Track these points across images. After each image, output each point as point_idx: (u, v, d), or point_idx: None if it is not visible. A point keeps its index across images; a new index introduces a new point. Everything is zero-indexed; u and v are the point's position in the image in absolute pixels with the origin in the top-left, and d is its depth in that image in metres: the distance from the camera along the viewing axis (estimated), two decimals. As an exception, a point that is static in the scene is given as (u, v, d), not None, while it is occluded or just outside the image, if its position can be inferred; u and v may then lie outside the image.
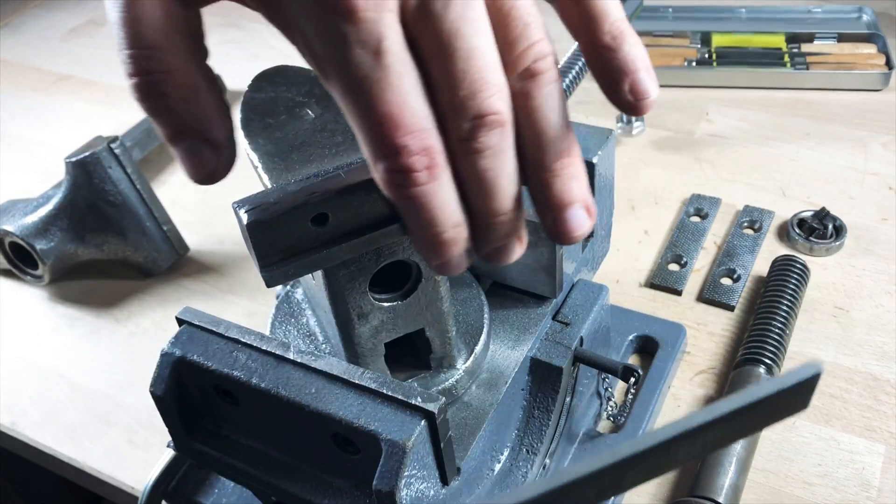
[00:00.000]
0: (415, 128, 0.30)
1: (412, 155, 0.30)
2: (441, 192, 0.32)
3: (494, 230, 0.34)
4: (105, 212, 0.76)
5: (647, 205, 0.82)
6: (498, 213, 0.33)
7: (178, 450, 0.47)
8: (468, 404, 0.47)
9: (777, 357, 0.62)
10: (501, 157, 0.32)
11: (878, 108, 0.91)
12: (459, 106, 0.30)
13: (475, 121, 0.31)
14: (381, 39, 0.29)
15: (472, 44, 0.30)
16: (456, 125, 0.31)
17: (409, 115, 0.30)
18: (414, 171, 0.30)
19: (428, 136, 0.31)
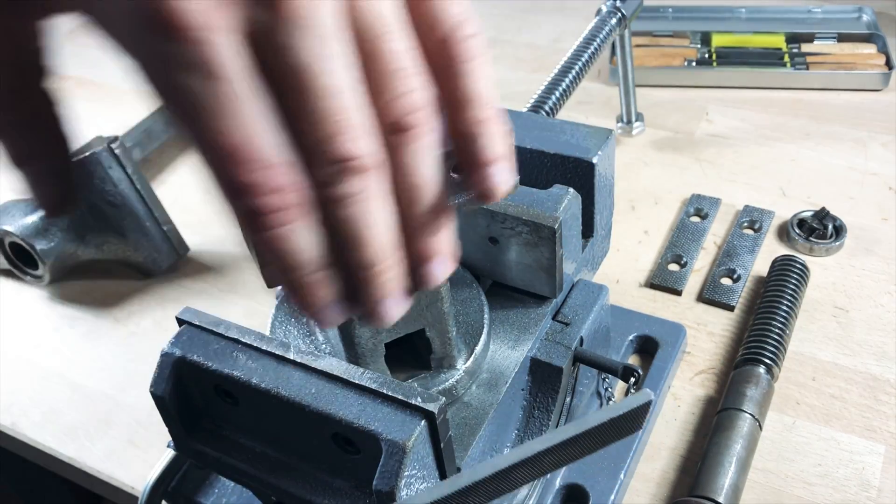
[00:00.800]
0: (264, 163, 0.26)
1: (262, 194, 0.26)
2: (303, 235, 0.28)
3: (366, 285, 0.30)
4: (105, 212, 0.76)
5: (647, 205, 0.82)
6: (368, 265, 0.30)
7: (178, 450, 0.47)
8: (468, 404, 0.47)
9: (777, 357, 0.62)
10: (368, 205, 0.29)
11: (878, 108, 0.91)
12: (316, 148, 0.27)
13: (335, 166, 0.27)
14: (213, 62, 0.25)
15: (331, 81, 0.27)
16: (318, 169, 0.28)
17: (256, 147, 0.26)
18: (266, 214, 0.27)
19: (282, 171, 0.27)
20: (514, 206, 0.48)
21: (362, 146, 0.28)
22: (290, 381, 0.40)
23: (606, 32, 0.76)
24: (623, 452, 0.58)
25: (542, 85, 0.70)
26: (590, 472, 0.57)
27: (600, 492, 0.56)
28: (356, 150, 0.27)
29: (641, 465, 0.60)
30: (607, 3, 0.79)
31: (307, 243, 0.28)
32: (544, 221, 0.47)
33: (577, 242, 0.52)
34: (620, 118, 0.91)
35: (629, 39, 0.82)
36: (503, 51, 1.09)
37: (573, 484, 0.57)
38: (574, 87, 0.72)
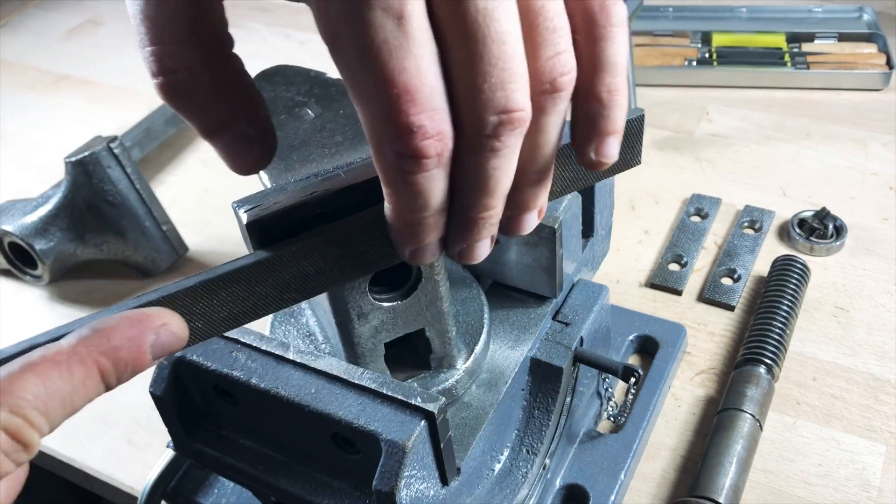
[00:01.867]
0: (432, 106, 0.28)
1: (426, 137, 0.28)
2: (440, 180, 0.30)
3: (477, 226, 0.32)
4: (104, 212, 0.76)
5: (648, 205, 0.82)
6: (488, 208, 0.31)
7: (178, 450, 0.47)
8: (468, 404, 0.47)
9: (777, 357, 0.62)
10: (512, 157, 0.30)
11: (878, 108, 0.91)
12: (485, 96, 0.28)
13: (501, 116, 0.28)
14: (405, 3, 0.26)
15: (504, 28, 0.27)
16: (477, 118, 0.28)
17: (428, 90, 0.27)
18: (425, 157, 0.28)
19: (444, 118, 0.28)
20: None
21: (524, 99, 0.28)
22: (290, 380, 0.40)
23: (606, 32, 0.76)
24: (623, 452, 0.58)
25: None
26: (590, 472, 0.57)
27: (600, 492, 0.56)
28: (521, 101, 0.28)
29: (641, 465, 0.60)
30: (607, 3, 0.79)
31: (441, 188, 0.30)
32: (544, 221, 0.47)
33: (578, 242, 0.52)
34: (620, 118, 0.90)
35: (629, 39, 0.82)
36: (503, 50, 1.09)
37: (573, 484, 0.57)
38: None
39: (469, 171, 0.30)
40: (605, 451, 0.58)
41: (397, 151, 0.28)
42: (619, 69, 0.31)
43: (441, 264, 0.42)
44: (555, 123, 0.31)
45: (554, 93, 0.30)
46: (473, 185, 0.30)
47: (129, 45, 1.22)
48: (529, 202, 0.33)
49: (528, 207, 0.34)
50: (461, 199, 0.31)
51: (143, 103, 1.03)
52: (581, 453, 0.58)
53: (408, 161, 0.28)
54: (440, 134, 0.28)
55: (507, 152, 0.30)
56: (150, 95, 1.06)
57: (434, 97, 0.28)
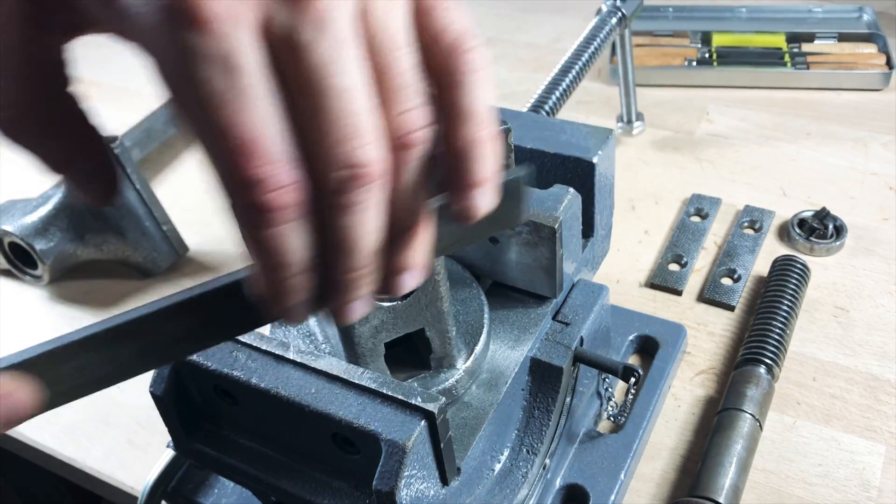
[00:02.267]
0: (273, 158, 0.26)
1: (269, 190, 0.26)
2: (297, 236, 0.28)
3: (342, 287, 0.31)
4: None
5: (648, 205, 0.82)
6: (352, 269, 0.30)
7: (178, 450, 0.47)
8: (468, 404, 0.47)
9: (777, 357, 0.62)
10: (369, 214, 0.29)
11: (878, 108, 0.91)
12: (329, 151, 0.27)
13: (346, 171, 0.27)
14: (233, 55, 0.26)
15: (344, 83, 0.27)
16: (324, 173, 0.27)
17: (267, 142, 0.26)
18: (269, 210, 0.27)
19: (288, 170, 0.27)
20: (514, 205, 0.48)
21: (374, 153, 0.28)
22: (290, 380, 0.40)
23: (606, 32, 0.76)
24: (623, 452, 0.58)
25: (542, 85, 0.70)
26: (590, 472, 0.57)
27: (600, 492, 0.56)
28: (368, 156, 0.27)
29: (641, 465, 0.60)
30: (607, 3, 0.79)
31: (299, 244, 0.29)
32: (544, 221, 0.47)
33: (577, 242, 0.52)
34: (620, 118, 0.90)
35: (629, 39, 0.82)
36: (503, 51, 1.09)
37: (573, 484, 0.57)
38: (574, 86, 0.72)
39: (327, 228, 0.29)
40: (605, 451, 0.58)
41: (242, 206, 0.27)
42: (478, 118, 0.30)
43: (441, 264, 0.42)
44: (412, 176, 0.30)
45: (405, 149, 0.29)
46: (333, 244, 0.29)
47: (130, 45, 1.22)
48: (402, 262, 0.32)
49: (401, 267, 0.32)
50: (326, 258, 0.30)
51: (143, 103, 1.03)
52: (581, 453, 0.58)
53: (254, 215, 0.27)
54: (285, 186, 0.27)
55: (361, 209, 0.28)
56: (151, 95, 1.06)
57: (275, 149, 0.27)
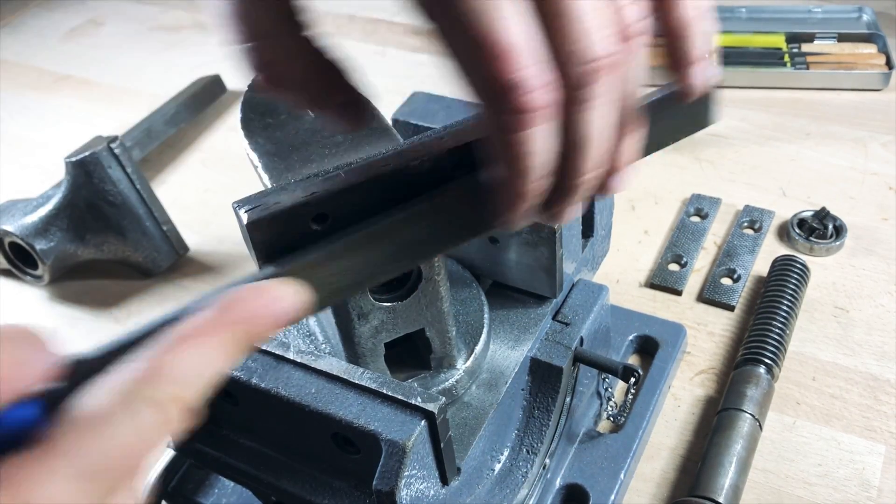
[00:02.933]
0: (532, 60, 0.28)
1: (534, 90, 0.28)
2: (548, 138, 0.30)
3: (578, 188, 0.32)
4: (105, 212, 0.76)
5: (647, 205, 0.82)
6: (589, 170, 0.32)
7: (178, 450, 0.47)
8: (468, 404, 0.47)
9: (777, 357, 0.62)
10: (608, 109, 0.30)
11: (878, 108, 0.91)
12: (572, 48, 0.29)
13: (593, 63, 0.29)
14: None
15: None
16: (569, 69, 0.29)
17: (526, 46, 0.28)
18: (532, 110, 0.28)
19: (543, 71, 0.28)
20: (514, 205, 0.48)
21: (611, 45, 0.29)
22: (290, 380, 0.40)
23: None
24: (623, 452, 0.58)
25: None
26: (590, 471, 0.57)
27: (600, 492, 0.56)
28: (606, 48, 0.29)
29: (641, 465, 0.60)
30: (607, 3, 0.79)
31: (548, 146, 0.30)
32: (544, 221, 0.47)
33: (577, 242, 0.52)
34: (620, 118, 0.90)
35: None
36: (503, 51, 1.09)
37: (573, 484, 0.57)
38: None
39: (571, 128, 0.30)
40: (605, 450, 0.58)
41: (505, 109, 0.28)
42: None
43: (441, 264, 0.42)
44: (638, 69, 0.31)
45: (629, 40, 0.30)
46: (575, 142, 0.31)
47: (130, 45, 1.22)
48: (623, 159, 0.33)
49: (619, 166, 0.34)
50: (566, 162, 0.31)
51: (143, 103, 1.03)
52: (581, 453, 0.58)
53: (516, 118, 0.28)
54: (543, 86, 0.28)
55: (602, 103, 0.30)
56: (151, 95, 1.07)
57: (532, 51, 0.28)
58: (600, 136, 0.31)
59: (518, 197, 0.31)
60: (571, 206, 0.34)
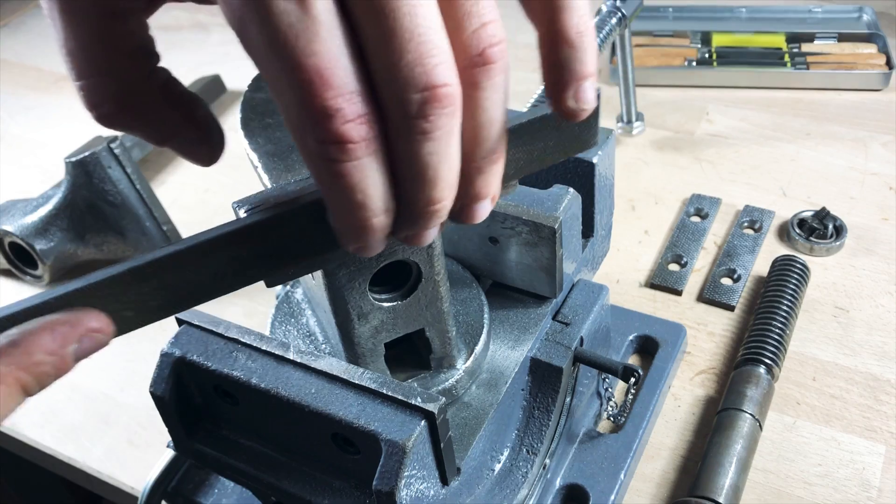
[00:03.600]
0: (348, 88, 0.26)
1: (346, 121, 0.26)
2: (374, 172, 0.28)
3: (425, 219, 0.30)
4: (105, 212, 0.76)
5: (647, 205, 0.82)
6: (435, 201, 0.30)
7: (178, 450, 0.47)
8: (468, 404, 0.47)
9: (777, 357, 0.62)
10: (448, 141, 0.28)
11: (878, 108, 0.91)
12: (404, 74, 0.26)
13: (425, 93, 0.26)
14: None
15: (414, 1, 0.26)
16: (399, 99, 0.27)
17: (342, 73, 0.26)
18: (348, 142, 0.27)
19: (363, 101, 0.27)
20: (514, 206, 0.48)
21: (447, 73, 0.27)
22: (290, 381, 0.40)
23: (606, 32, 0.76)
24: (623, 452, 0.58)
25: (542, 85, 0.70)
26: (590, 471, 0.57)
27: (600, 492, 0.56)
28: (443, 76, 0.27)
29: (641, 465, 0.60)
30: (607, 3, 0.79)
31: (377, 182, 0.28)
32: (544, 221, 0.47)
33: (577, 242, 0.52)
34: (620, 118, 0.90)
35: (629, 39, 0.82)
36: (503, 51, 1.09)
37: (573, 484, 0.57)
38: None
39: (404, 160, 0.28)
40: (605, 451, 0.58)
41: (318, 140, 0.27)
42: (582, 8, 0.30)
43: (441, 264, 0.42)
44: (494, 99, 0.29)
45: (485, 65, 0.28)
46: (412, 176, 0.29)
47: (130, 45, 1.22)
48: (480, 190, 0.31)
49: (479, 196, 0.32)
50: (404, 192, 0.29)
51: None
52: (581, 453, 0.58)
53: (332, 148, 0.27)
54: (361, 116, 0.27)
55: (441, 135, 0.28)
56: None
57: (349, 80, 0.26)
58: (442, 170, 0.29)
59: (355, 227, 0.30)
60: (422, 232, 0.31)
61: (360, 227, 0.30)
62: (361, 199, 0.28)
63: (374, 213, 0.29)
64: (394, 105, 0.27)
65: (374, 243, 0.31)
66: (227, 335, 0.42)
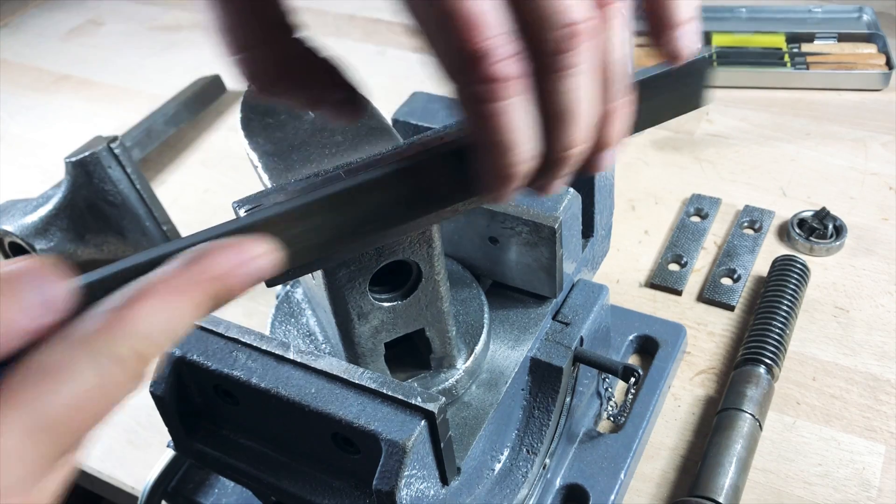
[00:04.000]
0: (499, 30, 0.28)
1: (500, 59, 0.28)
2: (526, 111, 0.29)
3: (564, 163, 0.32)
4: (105, 212, 0.76)
5: (647, 205, 0.82)
6: (575, 143, 0.31)
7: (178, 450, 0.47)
8: (468, 404, 0.47)
9: (777, 357, 0.62)
10: (587, 78, 0.30)
11: (878, 108, 0.91)
12: (545, 15, 0.28)
13: (566, 29, 0.28)
14: None
15: None
16: (542, 36, 0.28)
17: (492, 16, 0.28)
18: (502, 80, 0.28)
19: (511, 41, 0.28)
20: (514, 206, 0.48)
21: (584, 10, 0.28)
22: (290, 380, 0.40)
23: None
24: (623, 452, 0.58)
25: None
26: (590, 471, 0.57)
27: (600, 492, 0.56)
28: (580, 13, 0.28)
29: (641, 465, 0.60)
30: (607, 3, 0.79)
31: (525, 120, 0.29)
32: (544, 221, 0.47)
33: (577, 242, 0.52)
34: (620, 118, 0.90)
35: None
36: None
37: (573, 484, 0.57)
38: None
39: (550, 98, 0.30)
40: (605, 450, 0.58)
41: (475, 80, 0.28)
42: None
43: (441, 264, 0.42)
44: (617, 38, 0.31)
45: (605, 6, 0.30)
46: (557, 114, 0.30)
47: (130, 45, 1.22)
48: (609, 136, 0.33)
49: (606, 143, 0.33)
50: (549, 135, 0.31)
51: (143, 103, 1.03)
52: (581, 453, 0.58)
53: (487, 88, 0.28)
54: (512, 56, 0.28)
55: (581, 70, 0.29)
56: (151, 95, 1.07)
57: (498, 22, 0.28)
58: (584, 107, 0.30)
59: (502, 172, 0.31)
60: (559, 180, 0.33)
61: (507, 171, 0.31)
62: (514, 139, 0.30)
63: (523, 155, 0.30)
64: (539, 44, 0.29)
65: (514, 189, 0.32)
66: (228, 335, 0.42)
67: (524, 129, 0.30)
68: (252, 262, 0.29)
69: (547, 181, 0.33)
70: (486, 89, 0.28)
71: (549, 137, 0.31)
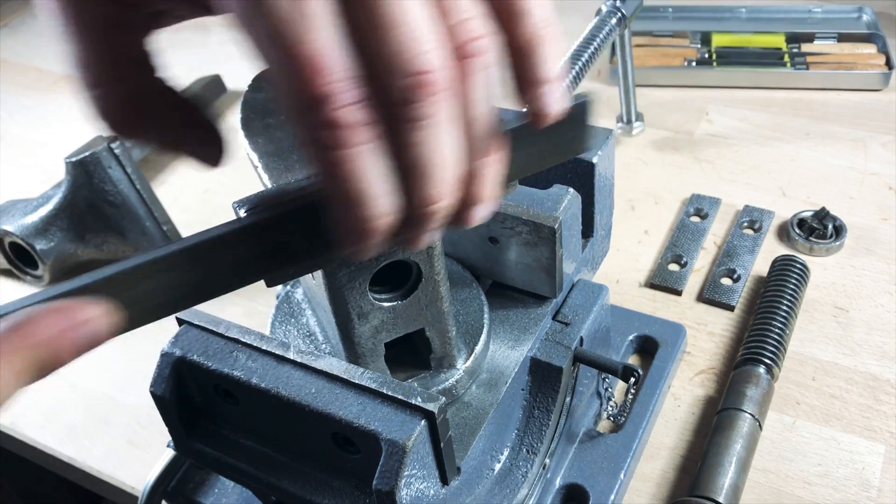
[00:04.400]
0: (340, 75, 0.26)
1: (343, 105, 0.26)
2: (375, 162, 0.28)
3: (427, 219, 0.30)
4: (105, 212, 0.76)
5: (647, 205, 0.82)
6: (436, 199, 0.29)
7: (178, 450, 0.47)
8: (468, 404, 0.47)
9: (777, 357, 0.62)
10: (441, 130, 0.28)
11: (878, 108, 0.91)
12: (391, 62, 0.27)
13: (414, 78, 0.27)
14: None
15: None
16: (390, 83, 0.27)
17: (334, 60, 0.26)
18: (344, 126, 0.26)
19: (356, 87, 0.27)
20: (514, 206, 0.48)
21: (436, 59, 0.27)
22: (290, 380, 0.40)
23: (606, 32, 0.76)
24: (623, 452, 0.58)
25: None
26: (590, 471, 0.57)
27: (600, 492, 0.56)
28: (431, 62, 0.27)
29: (641, 465, 0.60)
30: (607, 3, 0.79)
31: (375, 171, 0.28)
32: (544, 221, 0.47)
33: (577, 242, 0.52)
34: (620, 118, 0.90)
35: (629, 39, 0.82)
36: (503, 51, 1.09)
37: (573, 484, 0.57)
38: (574, 87, 0.72)
39: (398, 152, 0.28)
40: (605, 450, 0.59)
41: (312, 126, 0.27)
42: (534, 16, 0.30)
43: (441, 264, 0.42)
44: (479, 91, 0.29)
45: (469, 58, 0.28)
46: (406, 168, 0.28)
47: (130, 45, 1.22)
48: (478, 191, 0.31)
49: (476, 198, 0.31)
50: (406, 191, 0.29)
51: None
52: (581, 453, 0.59)
53: (325, 134, 0.27)
54: (354, 103, 0.27)
55: (430, 124, 0.27)
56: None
57: (343, 66, 0.26)
58: (441, 161, 0.28)
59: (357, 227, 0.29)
60: (425, 235, 0.31)
61: (361, 225, 0.29)
62: (364, 190, 0.28)
63: (378, 209, 0.29)
64: (384, 93, 0.27)
65: (374, 247, 0.30)
66: (228, 335, 0.42)
67: (374, 181, 0.28)
68: (83, 327, 0.28)
69: (412, 236, 0.31)
70: (329, 135, 0.27)
71: (407, 192, 0.29)
